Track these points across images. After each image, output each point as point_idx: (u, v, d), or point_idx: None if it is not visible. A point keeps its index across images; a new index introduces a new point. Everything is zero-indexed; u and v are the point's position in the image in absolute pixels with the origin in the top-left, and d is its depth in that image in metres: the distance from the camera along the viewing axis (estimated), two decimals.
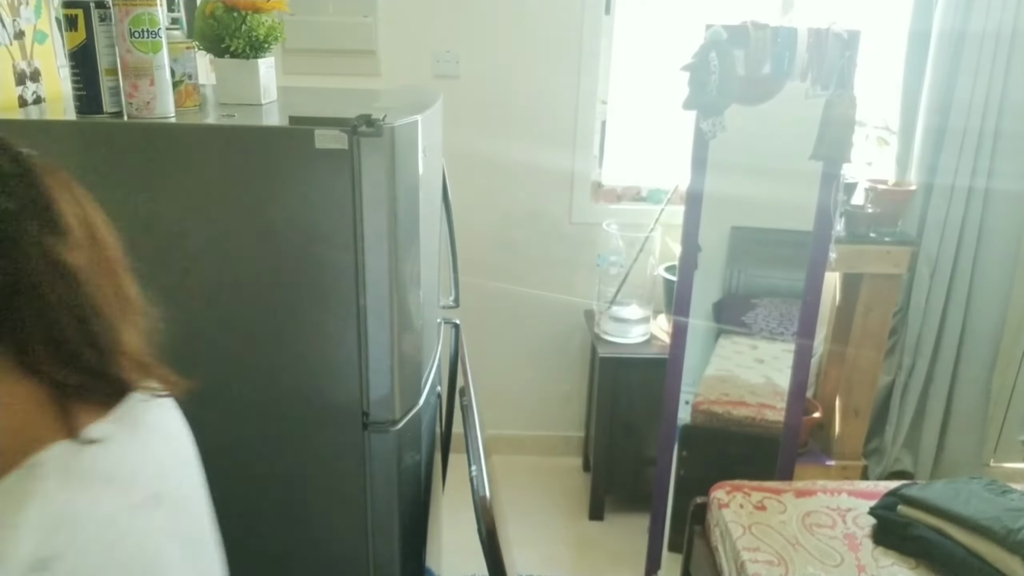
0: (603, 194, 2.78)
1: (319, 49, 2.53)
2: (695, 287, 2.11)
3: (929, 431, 2.61)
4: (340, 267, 1.24)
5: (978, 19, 2.26)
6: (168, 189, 1.23)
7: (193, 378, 1.35)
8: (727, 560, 1.74)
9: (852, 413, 2.57)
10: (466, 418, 1.45)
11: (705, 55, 1.87)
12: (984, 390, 2.58)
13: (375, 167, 1.20)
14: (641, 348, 2.52)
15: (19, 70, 1.36)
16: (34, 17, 1.41)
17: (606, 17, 2.57)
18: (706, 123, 1.93)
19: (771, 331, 2.20)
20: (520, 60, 2.57)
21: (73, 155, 1.21)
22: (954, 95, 2.34)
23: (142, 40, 1.21)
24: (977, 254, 2.45)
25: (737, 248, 2.20)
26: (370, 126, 1.18)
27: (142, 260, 1.27)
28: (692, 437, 2.25)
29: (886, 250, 2.42)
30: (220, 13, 1.40)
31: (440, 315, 1.80)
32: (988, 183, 2.39)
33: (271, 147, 1.21)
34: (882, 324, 2.50)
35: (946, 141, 2.37)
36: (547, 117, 2.63)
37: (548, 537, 2.53)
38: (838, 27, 1.93)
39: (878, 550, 1.69)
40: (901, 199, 2.46)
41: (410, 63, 2.57)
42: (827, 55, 1.94)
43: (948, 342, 2.52)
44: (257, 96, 1.44)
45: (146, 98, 1.24)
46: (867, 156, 2.58)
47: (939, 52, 2.32)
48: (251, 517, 1.39)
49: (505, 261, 2.71)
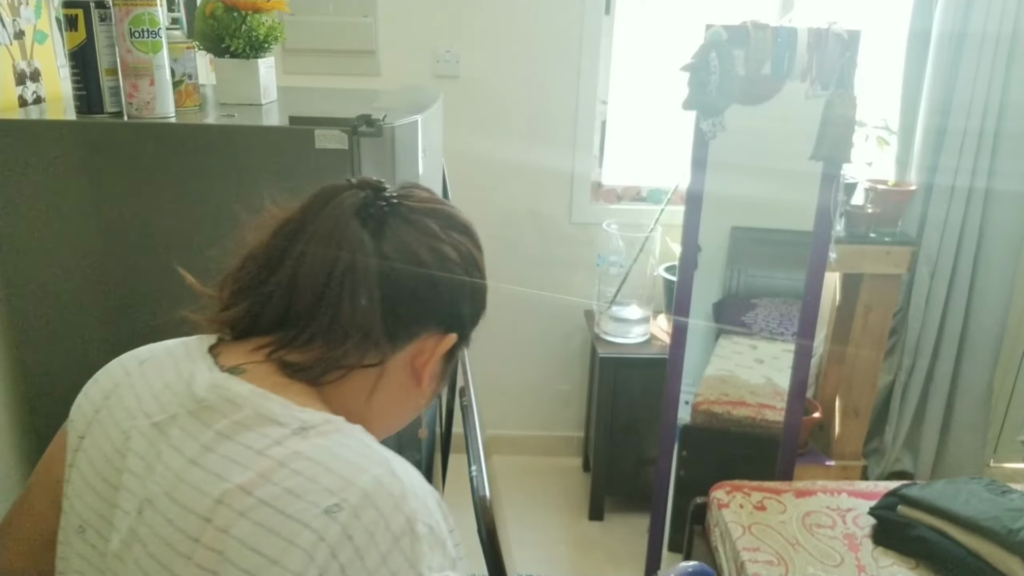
0: (603, 194, 2.78)
1: (319, 49, 2.52)
2: (695, 287, 2.11)
3: (929, 431, 2.61)
4: None
5: (978, 19, 2.26)
6: (168, 189, 1.23)
7: None
8: (727, 560, 1.74)
9: (852, 413, 2.57)
10: (466, 418, 1.45)
11: (705, 55, 1.87)
12: (984, 390, 2.57)
13: (375, 167, 1.20)
14: (641, 348, 2.52)
15: (19, 70, 1.36)
16: (34, 17, 1.41)
17: (606, 17, 2.57)
18: (706, 123, 1.93)
19: (771, 331, 2.20)
20: (520, 60, 2.57)
21: (73, 155, 1.21)
22: (954, 95, 2.33)
23: (142, 40, 1.21)
24: (977, 254, 2.45)
25: (737, 248, 2.20)
26: (370, 126, 1.18)
27: (141, 260, 1.27)
28: (692, 437, 2.25)
29: (886, 250, 2.42)
30: (220, 13, 1.40)
31: None
32: (988, 183, 2.39)
33: (271, 147, 1.21)
34: (882, 324, 2.50)
35: (946, 141, 2.37)
36: (547, 117, 2.63)
37: (548, 537, 2.52)
38: (838, 27, 1.93)
39: (878, 550, 1.69)
40: (901, 199, 2.46)
41: (410, 63, 2.57)
42: (827, 55, 1.93)
43: (948, 342, 2.52)
44: (257, 96, 1.44)
45: (146, 98, 1.24)
46: (867, 156, 2.58)
47: (939, 52, 2.32)
48: None
49: (505, 261, 2.71)
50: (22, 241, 1.25)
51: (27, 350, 1.31)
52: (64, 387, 1.32)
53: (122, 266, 1.27)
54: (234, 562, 0.56)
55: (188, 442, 0.64)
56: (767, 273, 2.21)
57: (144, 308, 1.28)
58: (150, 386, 0.70)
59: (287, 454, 0.61)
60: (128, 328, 1.29)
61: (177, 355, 0.73)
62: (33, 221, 1.24)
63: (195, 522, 0.59)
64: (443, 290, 0.74)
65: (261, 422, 0.63)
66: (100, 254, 1.26)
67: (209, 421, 0.64)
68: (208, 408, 0.65)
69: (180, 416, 0.66)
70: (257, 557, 0.56)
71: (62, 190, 1.22)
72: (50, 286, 1.27)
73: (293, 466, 0.60)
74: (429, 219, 0.75)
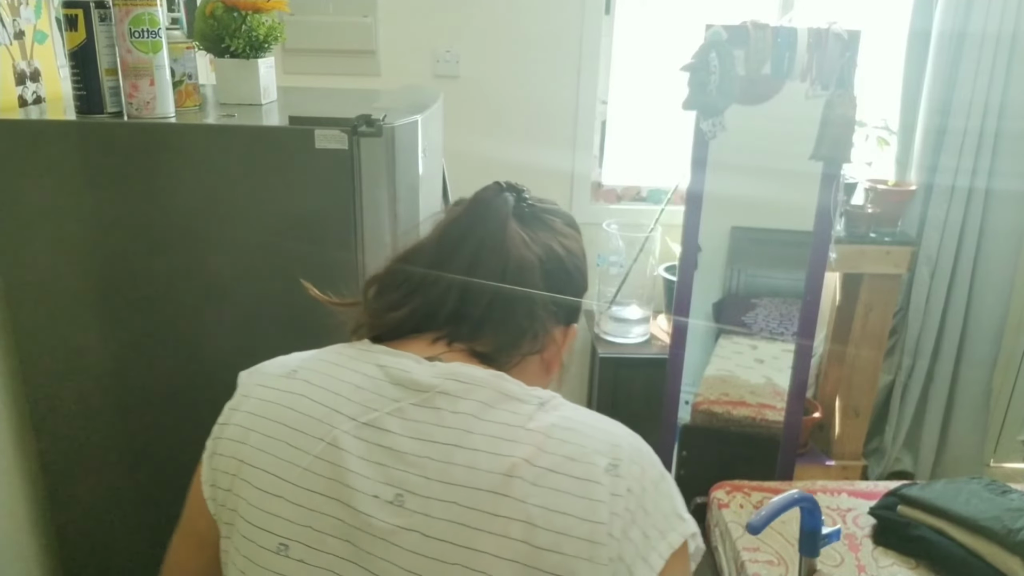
0: (603, 194, 2.78)
1: (319, 49, 2.52)
2: (695, 287, 2.11)
3: (929, 431, 2.61)
4: (340, 267, 1.24)
5: (978, 19, 2.26)
6: (168, 189, 1.23)
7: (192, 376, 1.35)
8: (727, 560, 1.74)
9: (852, 413, 2.57)
10: None
11: (705, 55, 1.87)
12: (984, 390, 2.57)
13: (375, 167, 1.20)
14: (641, 348, 2.52)
15: (19, 70, 1.36)
16: (34, 17, 1.41)
17: (606, 17, 2.57)
18: (706, 123, 1.93)
19: (771, 331, 2.20)
20: (520, 60, 2.57)
21: (73, 155, 1.21)
22: (954, 95, 2.33)
23: (142, 40, 1.21)
24: (977, 254, 2.45)
25: (737, 248, 2.20)
26: (370, 126, 1.18)
27: (142, 259, 1.27)
28: (692, 437, 2.24)
29: (886, 250, 2.42)
30: (220, 13, 1.40)
31: None
32: (988, 183, 2.39)
33: (271, 147, 1.21)
34: (882, 324, 2.50)
35: (946, 141, 2.37)
36: (547, 117, 2.63)
37: None
38: (838, 27, 1.93)
39: (878, 550, 1.69)
40: (901, 199, 2.46)
41: (410, 63, 2.57)
42: (827, 55, 1.93)
43: (948, 342, 2.52)
44: (257, 96, 1.44)
45: (146, 98, 1.24)
46: (867, 156, 2.58)
47: (939, 52, 2.32)
48: None
49: None
50: (22, 241, 1.25)
51: (27, 350, 1.31)
52: (63, 386, 1.32)
53: (122, 266, 1.27)
54: (544, 527, 0.62)
55: (434, 429, 0.67)
56: (767, 273, 2.21)
57: (144, 308, 1.28)
58: (332, 391, 0.71)
59: (545, 426, 0.67)
60: (128, 327, 1.29)
61: (340, 360, 0.75)
62: (33, 221, 1.24)
63: (487, 498, 0.63)
64: (575, 283, 0.82)
65: (504, 400, 0.69)
66: (100, 254, 1.26)
67: (449, 406, 0.68)
68: (443, 394, 0.69)
69: (405, 408, 0.68)
70: (566, 518, 0.62)
71: (62, 190, 1.22)
72: (50, 286, 1.27)
73: (557, 436, 0.66)
74: (554, 217, 0.83)
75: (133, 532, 1.41)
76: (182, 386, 1.32)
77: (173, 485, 1.38)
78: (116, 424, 1.35)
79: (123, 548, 1.42)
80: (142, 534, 1.41)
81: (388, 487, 0.65)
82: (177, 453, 1.37)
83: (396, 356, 0.73)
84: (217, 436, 0.75)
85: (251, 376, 0.78)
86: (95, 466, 1.37)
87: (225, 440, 0.74)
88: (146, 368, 1.32)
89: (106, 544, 1.42)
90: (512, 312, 0.76)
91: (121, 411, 1.34)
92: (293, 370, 0.76)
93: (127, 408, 1.34)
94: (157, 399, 1.33)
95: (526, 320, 0.77)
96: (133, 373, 1.32)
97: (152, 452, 1.37)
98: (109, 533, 1.42)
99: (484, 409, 0.68)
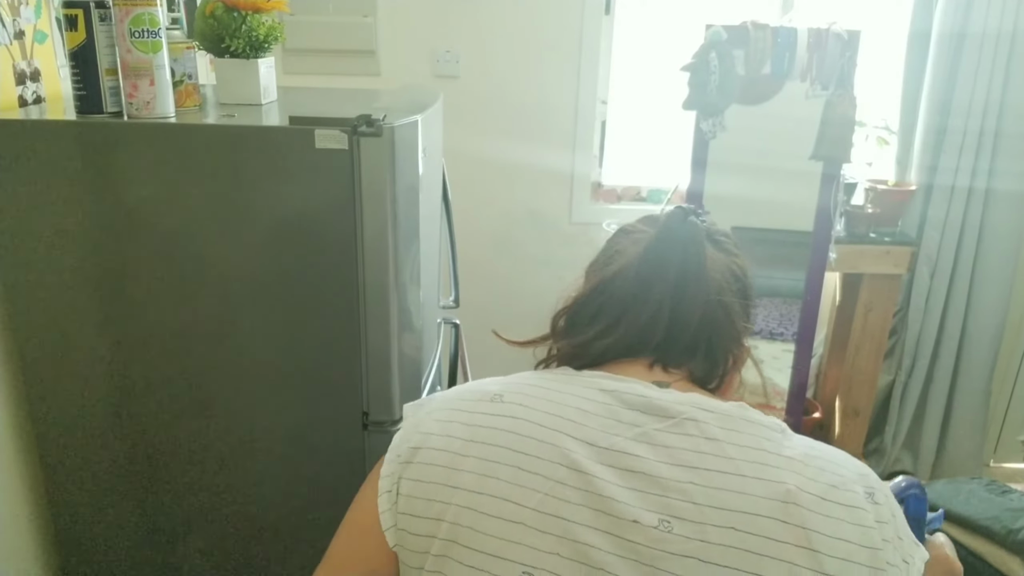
0: (603, 194, 2.78)
1: (319, 49, 2.52)
2: None
3: (929, 431, 2.61)
4: (340, 267, 1.24)
5: (978, 20, 2.26)
6: (168, 189, 1.23)
7: (192, 377, 1.35)
8: None
9: (852, 413, 2.57)
10: None
11: (705, 55, 1.87)
12: (984, 390, 2.57)
13: (375, 167, 1.20)
14: None
15: (19, 70, 1.36)
16: (34, 17, 1.41)
17: (606, 17, 2.57)
18: (706, 123, 1.93)
19: (771, 331, 2.20)
20: (520, 60, 2.57)
21: (73, 155, 1.21)
22: (954, 95, 2.34)
23: (142, 40, 1.21)
24: (977, 254, 2.45)
25: None
26: (370, 126, 1.18)
27: (141, 260, 1.27)
28: None
29: (886, 250, 2.42)
30: (220, 13, 1.40)
31: (440, 315, 1.80)
32: (988, 183, 2.39)
33: (271, 147, 1.21)
34: (882, 324, 2.50)
35: (946, 141, 2.37)
36: (547, 117, 2.63)
37: None
38: (838, 27, 1.94)
39: None
40: (901, 199, 2.46)
41: (410, 63, 2.57)
42: (827, 55, 1.94)
43: (948, 342, 2.52)
44: (257, 96, 1.44)
45: (146, 98, 1.24)
46: (867, 156, 2.58)
47: (939, 52, 2.32)
48: (251, 517, 1.39)
49: (505, 261, 2.71)
50: (22, 241, 1.25)
51: (26, 350, 1.31)
52: (63, 388, 1.32)
53: (122, 266, 1.27)
54: (828, 554, 0.62)
55: (690, 455, 0.66)
56: (767, 273, 2.21)
57: (144, 308, 1.28)
58: (554, 415, 0.70)
59: (800, 453, 0.68)
60: (128, 327, 1.29)
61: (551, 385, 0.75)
62: (33, 221, 1.24)
63: (767, 524, 0.63)
64: (751, 300, 0.84)
65: (750, 426, 0.69)
66: (100, 254, 1.26)
67: (700, 432, 0.68)
68: (692, 420, 0.69)
69: (651, 433, 0.68)
70: (847, 545, 0.63)
71: (62, 190, 1.22)
72: (49, 286, 1.27)
73: (815, 464, 0.67)
74: (727, 238, 0.85)
75: (133, 532, 1.41)
76: (182, 386, 1.32)
77: (173, 485, 1.39)
78: (116, 424, 1.35)
79: (123, 548, 1.43)
80: (142, 534, 1.41)
81: (650, 513, 0.63)
82: (177, 453, 1.37)
83: (622, 381, 0.73)
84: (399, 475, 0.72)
85: (430, 403, 0.77)
86: (95, 466, 1.37)
87: (418, 466, 0.71)
88: (146, 368, 1.32)
89: (106, 544, 1.42)
90: (720, 335, 0.78)
91: (121, 411, 1.34)
92: (496, 394, 0.74)
93: (127, 408, 1.34)
94: (157, 399, 1.33)
95: (732, 342, 0.80)
96: (133, 373, 1.32)
97: (152, 452, 1.37)
98: (109, 533, 1.42)
99: (736, 435, 0.68)
